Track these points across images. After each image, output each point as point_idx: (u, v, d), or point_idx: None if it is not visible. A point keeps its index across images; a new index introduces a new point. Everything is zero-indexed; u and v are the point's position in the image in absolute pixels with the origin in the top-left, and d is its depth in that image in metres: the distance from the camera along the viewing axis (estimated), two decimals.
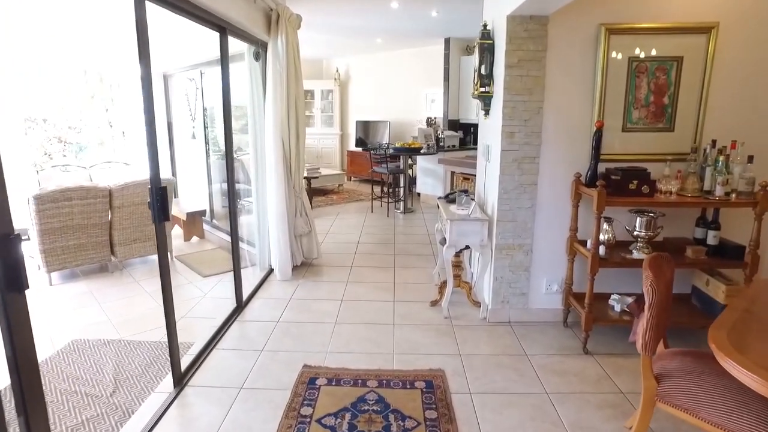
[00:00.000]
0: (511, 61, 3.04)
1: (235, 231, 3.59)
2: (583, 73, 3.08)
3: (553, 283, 3.41)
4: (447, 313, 3.56)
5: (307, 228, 4.50)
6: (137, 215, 4.90)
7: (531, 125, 3.14)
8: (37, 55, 6.77)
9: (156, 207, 2.37)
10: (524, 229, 3.31)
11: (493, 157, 3.38)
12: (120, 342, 3.26)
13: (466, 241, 3.40)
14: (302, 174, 4.41)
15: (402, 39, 8.35)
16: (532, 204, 3.26)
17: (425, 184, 7.81)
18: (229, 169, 3.45)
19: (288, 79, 3.95)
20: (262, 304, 3.83)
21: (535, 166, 3.20)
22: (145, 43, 2.22)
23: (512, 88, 3.08)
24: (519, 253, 3.35)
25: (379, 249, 5.30)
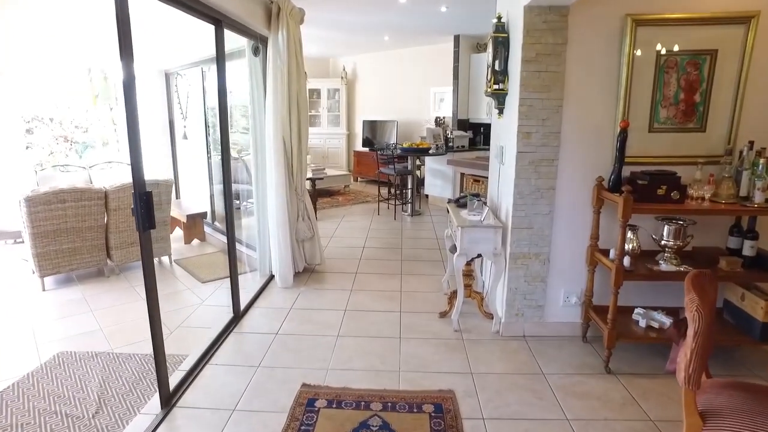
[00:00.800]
0: (528, 55, 2.81)
1: (232, 237, 3.39)
2: (606, 68, 2.84)
3: (572, 295, 3.17)
4: (457, 326, 3.33)
5: (309, 233, 4.29)
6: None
7: (549, 125, 2.90)
8: (41, 53, 6.62)
9: (140, 214, 2.16)
10: (541, 237, 3.07)
11: (508, 159, 3.14)
12: (108, 355, 3.07)
13: (478, 249, 3.16)
14: (305, 176, 4.21)
15: (410, 36, 8.12)
16: (549, 210, 3.02)
17: (434, 185, 7.58)
18: (225, 170, 3.25)
19: (289, 76, 3.74)
20: (261, 314, 3.63)
21: (554, 170, 2.97)
22: (126, 36, 2.01)
23: (529, 85, 2.85)
24: (535, 263, 3.12)
25: (386, 254, 5.08)
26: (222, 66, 3.06)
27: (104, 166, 7.22)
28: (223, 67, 3.08)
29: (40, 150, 12.64)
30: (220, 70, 3.06)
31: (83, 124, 12.58)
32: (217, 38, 2.99)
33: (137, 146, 2.13)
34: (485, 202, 3.49)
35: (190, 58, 5.83)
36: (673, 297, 3.07)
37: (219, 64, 3.06)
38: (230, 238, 3.40)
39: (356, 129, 10.73)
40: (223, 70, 3.08)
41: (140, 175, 2.15)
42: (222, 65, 3.06)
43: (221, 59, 3.05)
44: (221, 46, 3.02)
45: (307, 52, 10.19)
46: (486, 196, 4.88)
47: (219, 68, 3.06)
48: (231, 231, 3.40)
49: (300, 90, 3.89)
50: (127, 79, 2.04)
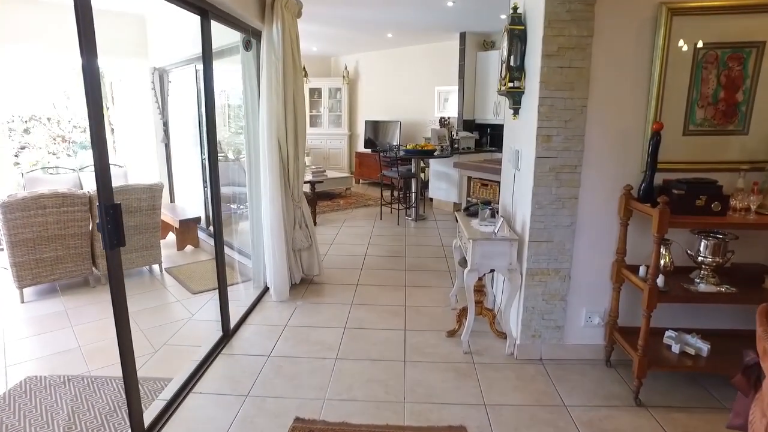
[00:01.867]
0: (549, 49, 2.51)
1: (220, 248, 3.10)
2: (637, 63, 2.53)
3: (594, 315, 2.87)
4: (467, 347, 3.03)
5: (307, 242, 4.00)
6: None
7: (572, 127, 2.60)
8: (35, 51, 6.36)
9: (106, 230, 1.87)
10: (561, 252, 2.77)
11: (525, 164, 2.85)
12: (83, 380, 2.78)
13: (491, 264, 2.87)
14: (302, 181, 3.91)
15: (414, 34, 7.83)
16: (571, 222, 2.72)
17: (438, 188, 7.28)
18: (212, 174, 2.96)
19: (285, 73, 3.45)
20: (253, 331, 3.34)
21: (576, 177, 2.66)
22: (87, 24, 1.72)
23: (550, 83, 2.55)
24: (555, 280, 2.82)
25: (389, 263, 4.78)
26: (209, 61, 2.77)
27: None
28: (210, 63, 2.79)
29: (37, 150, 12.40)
30: (206, 65, 2.77)
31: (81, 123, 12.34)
32: (203, 30, 2.71)
33: (103, 151, 1.84)
34: (497, 210, 3.20)
35: (183, 54, 5.54)
36: (708, 318, 2.77)
37: (205, 60, 2.77)
38: (218, 249, 3.11)
39: (358, 129, 10.44)
40: (210, 66, 2.79)
41: (106, 183, 1.86)
42: (209, 60, 2.77)
43: (208, 54, 2.76)
44: (207, 39, 2.73)
45: (308, 51, 9.93)
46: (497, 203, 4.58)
47: (205, 64, 2.77)
48: (219, 241, 3.11)
49: (297, 88, 3.60)
50: (89, 72, 1.75)
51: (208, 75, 2.79)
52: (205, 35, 2.72)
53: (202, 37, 2.72)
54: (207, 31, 2.72)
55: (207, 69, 2.78)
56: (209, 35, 2.73)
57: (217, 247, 3.09)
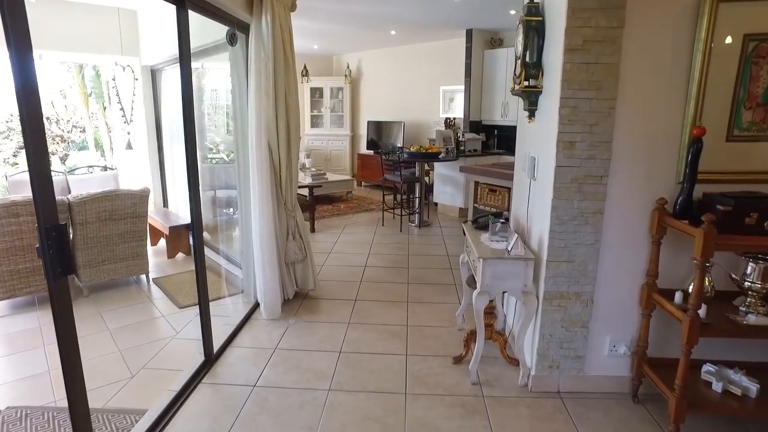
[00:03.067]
0: (573, 42, 2.18)
1: (201, 265, 2.79)
2: (674, 58, 2.20)
3: (620, 344, 2.54)
4: (476, 377, 2.71)
5: (301, 254, 3.68)
6: (105, 232, 4.15)
7: (598, 132, 2.27)
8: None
9: (48, 256, 1.57)
10: (584, 273, 2.44)
11: (542, 174, 2.52)
12: (43, 415, 2.48)
13: (504, 285, 2.54)
14: (295, 188, 3.60)
15: (418, 31, 7.50)
16: (595, 239, 2.39)
17: (443, 193, 6.95)
18: (191, 179, 2.65)
19: (276, 71, 3.13)
20: (240, 356, 3.03)
21: (602, 188, 2.34)
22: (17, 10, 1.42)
23: (574, 81, 2.22)
24: (575, 304, 2.49)
25: (390, 275, 4.46)
26: (186, 58, 2.47)
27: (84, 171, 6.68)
28: (188, 60, 2.48)
29: None
30: (183, 62, 2.47)
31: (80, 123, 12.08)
32: (179, 22, 2.40)
33: (41, 159, 1.54)
34: (507, 221, 2.88)
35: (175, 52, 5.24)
36: (751, 348, 2.44)
37: (182, 56, 2.46)
38: (199, 265, 2.80)
39: (360, 130, 10.13)
40: (187, 63, 2.48)
41: (47, 199, 1.55)
42: (186, 57, 2.46)
43: (185, 49, 2.45)
44: (184, 32, 2.42)
45: (309, 49, 9.62)
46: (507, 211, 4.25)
47: (182, 60, 2.46)
48: (200, 256, 2.80)
49: (289, 88, 3.29)
50: (21, 67, 1.44)
51: (186, 72, 2.48)
52: (182, 27, 2.41)
53: (178, 30, 2.41)
54: (183, 22, 2.41)
55: (184, 66, 2.47)
56: (186, 27, 2.42)
57: (197, 263, 2.78)
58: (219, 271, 4.79)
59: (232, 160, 5.37)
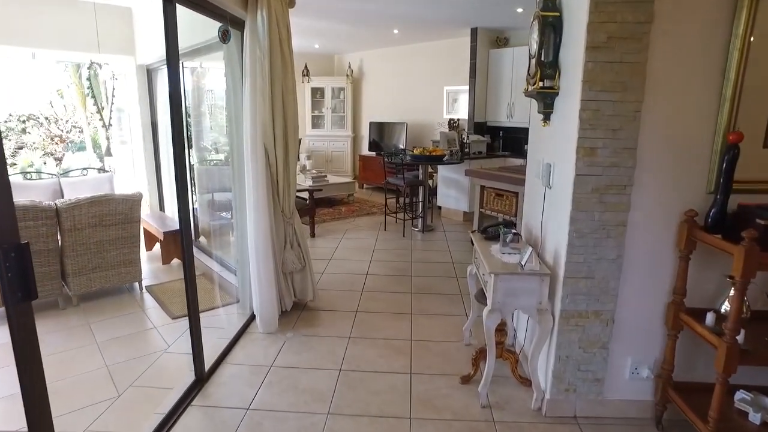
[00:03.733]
0: (595, 39, 1.99)
1: (191, 277, 2.61)
2: (708, 57, 2.01)
3: (642, 367, 2.35)
4: (486, 400, 2.52)
5: (299, 263, 3.49)
6: (96, 239, 3.97)
7: (622, 138, 2.08)
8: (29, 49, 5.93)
9: (7, 279, 1.38)
10: (604, 291, 2.25)
11: (559, 182, 2.33)
12: None
13: (517, 303, 2.35)
14: (293, 193, 3.41)
15: (422, 29, 7.30)
16: (617, 254, 2.20)
17: (447, 196, 6.76)
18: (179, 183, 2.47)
19: (272, 70, 2.95)
20: (233, 374, 2.84)
21: (626, 199, 2.14)
22: None
23: (596, 82, 2.02)
24: (595, 324, 2.29)
25: (393, 284, 4.27)
26: (173, 54, 2.28)
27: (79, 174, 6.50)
28: (175, 57, 2.29)
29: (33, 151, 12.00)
30: (170, 60, 2.28)
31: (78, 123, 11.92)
32: (166, 16, 2.21)
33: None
34: (518, 233, 2.69)
35: None
36: None
37: (169, 53, 2.27)
38: (189, 277, 2.61)
39: (362, 131, 9.94)
40: (175, 61, 2.29)
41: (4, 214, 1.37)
42: (173, 53, 2.28)
43: (172, 45, 2.27)
44: (172, 27, 2.24)
45: (310, 48, 9.43)
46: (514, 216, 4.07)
47: (169, 58, 2.28)
48: (189, 266, 2.61)
49: (287, 88, 3.10)
50: None
51: (173, 71, 2.29)
52: (169, 23, 2.22)
53: (165, 25, 2.22)
54: (171, 17, 2.22)
55: (172, 65, 2.28)
56: (174, 23, 2.24)
57: (187, 275, 2.60)
58: (215, 279, 4.62)
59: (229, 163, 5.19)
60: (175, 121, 2.32)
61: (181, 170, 2.43)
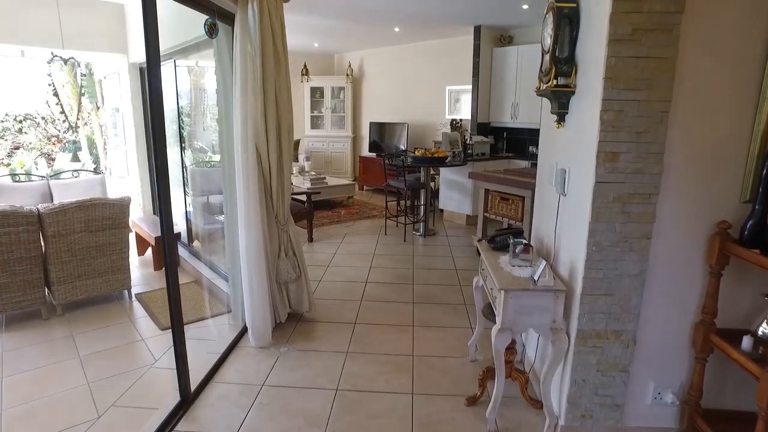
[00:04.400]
0: (620, 31, 1.78)
1: (175, 293, 2.40)
2: (745, 51, 1.81)
3: (666, 391, 2.15)
4: (494, 425, 2.32)
5: (294, 273, 3.30)
6: (81, 245, 3.78)
7: (647, 141, 1.88)
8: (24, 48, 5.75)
9: None
10: (625, 308, 2.05)
11: (575, 189, 2.13)
12: None
13: (529, 321, 2.15)
14: (288, 198, 3.22)
15: (424, 27, 7.10)
16: (640, 269, 2.00)
17: (450, 199, 6.56)
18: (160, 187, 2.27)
19: (264, 66, 2.75)
20: (222, 394, 2.64)
21: (651, 209, 1.94)
22: None
23: (619, 79, 1.82)
24: (614, 345, 2.09)
25: (393, 293, 4.07)
26: (153, 50, 2.08)
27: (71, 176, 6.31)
28: (156, 51, 2.10)
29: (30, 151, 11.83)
30: (150, 54, 2.08)
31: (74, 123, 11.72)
32: (144, 7, 2.01)
33: None
34: (529, 243, 2.49)
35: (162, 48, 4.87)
36: None
37: (149, 48, 2.07)
38: (172, 288, 2.41)
39: (362, 131, 9.74)
40: (156, 55, 2.09)
41: None
42: (153, 48, 2.08)
43: (151, 39, 2.07)
44: (152, 18, 2.04)
45: (309, 47, 9.23)
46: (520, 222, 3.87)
47: (149, 52, 2.08)
48: (172, 275, 2.41)
49: (280, 86, 2.90)
50: None
51: (153, 67, 2.09)
52: (148, 13, 2.02)
53: (144, 17, 2.02)
54: (151, 8, 2.02)
55: (151, 59, 2.08)
56: (154, 14, 2.04)
57: (170, 287, 2.39)
58: (208, 286, 4.42)
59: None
60: (155, 119, 2.12)
61: (161, 171, 2.22)
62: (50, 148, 12.19)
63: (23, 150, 11.33)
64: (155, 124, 2.14)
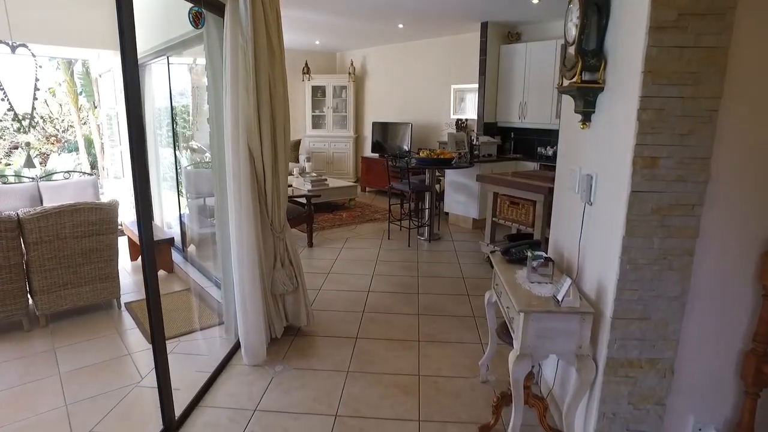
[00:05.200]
0: (663, 16, 1.54)
1: (156, 310, 2.17)
2: None
3: (708, 428, 1.90)
4: None
5: (291, 284, 3.06)
6: (66, 252, 3.55)
7: (692, 144, 1.63)
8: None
9: None
10: (662, 335, 1.80)
11: (605, 198, 1.88)
12: None
13: (551, 347, 1.91)
14: (284, 204, 2.98)
15: (428, 24, 6.86)
16: (681, 291, 1.75)
17: (456, 202, 6.31)
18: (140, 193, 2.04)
19: (257, 60, 2.51)
20: (210, 422, 2.40)
21: (694, 222, 1.69)
22: None
23: (661, 73, 1.58)
24: (649, 374, 1.85)
25: (397, 303, 3.83)
26: (128, 39, 1.85)
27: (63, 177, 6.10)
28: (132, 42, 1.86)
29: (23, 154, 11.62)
30: (125, 45, 1.85)
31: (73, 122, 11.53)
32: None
33: None
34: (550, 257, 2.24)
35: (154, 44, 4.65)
36: None
37: (123, 37, 1.84)
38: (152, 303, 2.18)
39: (365, 131, 9.51)
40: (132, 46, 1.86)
41: None
42: (128, 37, 1.84)
43: (126, 28, 1.83)
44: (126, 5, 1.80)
45: (310, 45, 8.99)
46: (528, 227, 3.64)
47: (123, 43, 1.84)
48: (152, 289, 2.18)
49: (275, 82, 2.66)
50: None
51: (129, 60, 1.86)
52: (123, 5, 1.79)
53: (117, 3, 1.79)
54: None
55: (127, 51, 1.85)
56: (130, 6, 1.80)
57: (150, 301, 2.16)
58: (202, 295, 4.19)
59: None
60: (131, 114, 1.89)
61: (140, 170, 1.99)
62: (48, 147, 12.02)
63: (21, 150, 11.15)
64: (132, 124, 1.91)
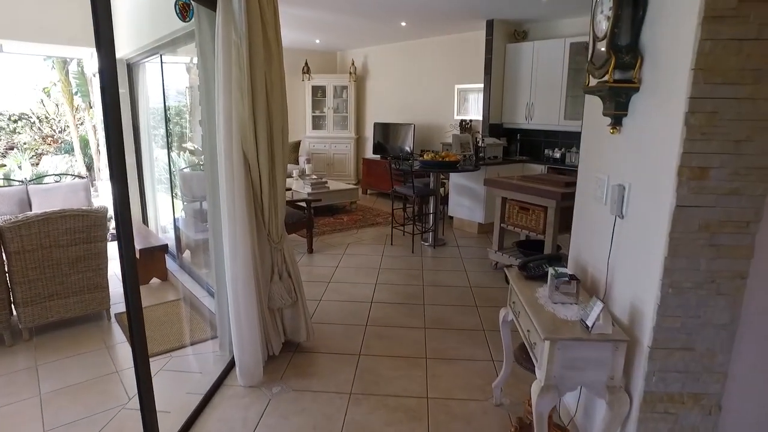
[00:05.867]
0: (720, 4, 1.33)
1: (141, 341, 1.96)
2: None
3: None
4: None
5: (290, 298, 2.85)
6: (51, 261, 3.35)
7: (749, 152, 1.42)
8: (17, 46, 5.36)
9: None
10: (708, 367, 1.59)
11: (640, 212, 1.67)
12: None
13: (580, 378, 1.70)
14: (282, 212, 2.77)
15: (432, 22, 6.65)
16: (731, 318, 1.55)
17: (461, 206, 6.10)
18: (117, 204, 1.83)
19: (251, 58, 2.30)
20: None
21: (748, 240, 1.49)
22: None
23: (715, 70, 1.37)
24: (693, 411, 1.64)
25: (402, 315, 3.62)
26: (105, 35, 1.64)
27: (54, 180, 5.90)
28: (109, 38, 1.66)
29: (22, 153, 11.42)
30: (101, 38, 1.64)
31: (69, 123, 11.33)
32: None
33: None
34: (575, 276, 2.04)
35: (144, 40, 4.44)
36: None
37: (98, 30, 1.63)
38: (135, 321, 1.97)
39: (366, 132, 9.30)
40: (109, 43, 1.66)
41: None
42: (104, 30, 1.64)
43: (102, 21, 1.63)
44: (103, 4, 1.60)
45: (310, 44, 8.78)
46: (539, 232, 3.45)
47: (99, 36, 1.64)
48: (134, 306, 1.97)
49: (272, 81, 2.45)
50: None
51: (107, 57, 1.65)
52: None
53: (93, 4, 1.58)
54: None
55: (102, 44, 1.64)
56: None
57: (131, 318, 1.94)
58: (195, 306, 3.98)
59: None
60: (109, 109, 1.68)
61: (119, 171, 1.78)
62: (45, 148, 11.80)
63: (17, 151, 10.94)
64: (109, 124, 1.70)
